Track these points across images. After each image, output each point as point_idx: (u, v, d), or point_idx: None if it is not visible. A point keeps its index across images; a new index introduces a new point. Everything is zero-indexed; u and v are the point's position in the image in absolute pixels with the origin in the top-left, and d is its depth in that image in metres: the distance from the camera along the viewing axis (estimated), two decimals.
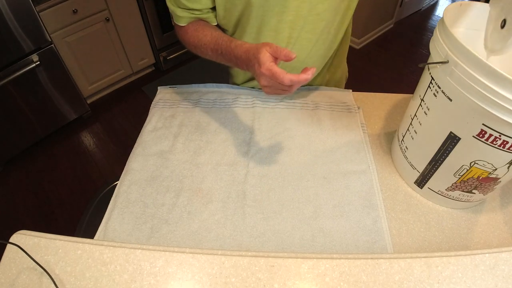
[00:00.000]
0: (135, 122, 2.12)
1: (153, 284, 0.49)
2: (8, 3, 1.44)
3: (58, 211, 1.68)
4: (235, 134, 0.80)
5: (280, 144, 0.78)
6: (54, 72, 1.78)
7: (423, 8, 3.13)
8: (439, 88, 0.54)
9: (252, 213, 0.65)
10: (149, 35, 2.20)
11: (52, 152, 1.96)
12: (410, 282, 0.48)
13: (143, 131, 0.82)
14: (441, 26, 0.54)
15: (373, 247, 0.60)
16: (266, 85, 0.58)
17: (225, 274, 0.50)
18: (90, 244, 0.53)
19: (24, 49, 1.59)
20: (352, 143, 0.78)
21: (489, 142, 0.50)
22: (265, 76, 0.56)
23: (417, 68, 0.59)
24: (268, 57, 0.56)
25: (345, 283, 0.48)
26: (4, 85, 1.59)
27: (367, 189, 0.69)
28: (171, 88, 0.93)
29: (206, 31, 0.71)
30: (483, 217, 0.66)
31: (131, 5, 2.01)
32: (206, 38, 0.70)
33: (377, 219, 0.64)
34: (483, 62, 0.44)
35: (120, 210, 0.66)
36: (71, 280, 0.49)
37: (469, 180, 0.59)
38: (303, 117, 0.84)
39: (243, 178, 0.71)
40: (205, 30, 0.71)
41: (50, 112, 1.90)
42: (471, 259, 0.50)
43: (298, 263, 0.50)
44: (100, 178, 1.82)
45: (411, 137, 0.66)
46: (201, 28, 0.72)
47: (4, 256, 0.52)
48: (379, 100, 0.90)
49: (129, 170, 0.73)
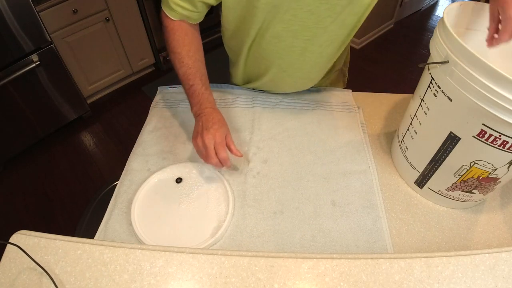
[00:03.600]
0: (135, 122, 2.12)
1: (153, 284, 0.49)
2: (8, 3, 1.44)
3: (58, 211, 1.68)
4: (235, 134, 0.80)
5: (280, 144, 0.78)
6: (54, 72, 1.78)
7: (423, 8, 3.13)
8: (439, 88, 0.54)
9: (252, 213, 0.65)
10: (149, 35, 2.20)
11: (52, 152, 1.95)
12: (410, 282, 0.48)
13: (143, 131, 0.82)
14: (441, 26, 0.54)
15: (373, 247, 0.60)
16: (201, 144, 0.65)
17: (225, 274, 0.50)
18: (90, 244, 0.53)
19: (24, 49, 1.59)
20: (352, 143, 0.78)
21: (489, 142, 0.50)
22: (210, 140, 0.64)
23: (417, 68, 0.59)
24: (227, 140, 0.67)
25: (345, 283, 0.48)
26: (4, 85, 1.59)
27: (367, 189, 0.69)
28: (171, 88, 0.93)
29: (191, 52, 0.71)
30: (483, 217, 0.66)
31: (131, 5, 2.01)
32: (188, 60, 0.70)
33: (377, 219, 0.64)
34: (483, 62, 0.44)
35: (120, 210, 0.66)
36: (71, 280, 0.49)
37: (469, 180, 0.59)
38: (303, 117, 0.84)
39: (243, 178, 0.71)
40: (191, 51, 0.71)
41: (50, 112, 1.89)
42: (471, 259, 0.50)
43: (298, 263, 0.50)
44: (100, 178, 1.82)
45: (411, 137, 0.66)
46: (189, 44, 0.71)
47: (4, 256, 0.52)
48: (379, 100, 0.90)
49: (129, 170, 0.73)
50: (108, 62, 2.11)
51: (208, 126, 0.65)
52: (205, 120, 0.67)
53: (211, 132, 0.64)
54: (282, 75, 0.80)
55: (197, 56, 0.72)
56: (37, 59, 1.64)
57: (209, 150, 0.64)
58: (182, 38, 0.71)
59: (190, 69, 0.70)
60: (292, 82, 0.83)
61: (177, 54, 0.71)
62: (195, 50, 0.72)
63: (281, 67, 0.77)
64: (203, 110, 0.68)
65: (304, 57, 0.74)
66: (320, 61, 0.78)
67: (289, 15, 0.66)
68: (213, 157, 0.64)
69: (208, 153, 0.64)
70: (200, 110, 0.69)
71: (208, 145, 0.64)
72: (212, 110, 0.69)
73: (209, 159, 0.65)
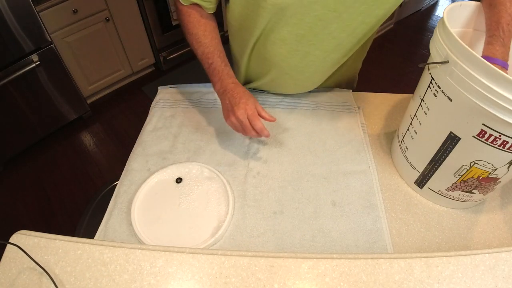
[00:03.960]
0: (135, 122, 2.12)
1: (153, 284, 0.49)
2: (8, 3, 1.44)
3: (58, 211, 1.68)
4: (235, 134, 0.80)
5: (280, 144, 0.78)
6: (54, 72, 1.78)
7: (423, 8, 3.13)
8: (439, 88, 0.54)
9: (252, 213, 0.65)
10: (149, 35, 2.20)
11: (52, 152, 1.95)
12: (410, 282, 0.48)
13: (143, 131, 0.82)
14: (441, 26, 0.54)
15: (373, 247, 0.60)
16: (235, 121, 0.67)
17: (225, 274, 0.50)
18: (90, 244, 0.53)
19: (24, 49, 1.59)
20: (352, 143, 0.78)
21: (489, 142, 0.50)
22: (243, 114, 0.65)
23: (417, 68, 0.59)
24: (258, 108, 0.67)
25: (345, 283, 0.48)
26: (4, 85, 1.59)
27: (367, 189, 0.69)
28: (171, 88, 0.93)
29: (207, 32, 0.71)
30: (483, 217, 0.66)
31: (131, 5, 2.01)
32: (205, 39, 0.71)
33: (377, 219, 0.64)
34: (483, 62, 0.44)
35: (120, 210, 0.66)
36: (71, 280, 0.49)
37: (469, 180, 0.59)
38: (303, 117, 0.84)
39: (243, 178, 0.71)
40: (207, 30, 0.72)
41: (50, 112, 1.89)
42: (471, 259, 0.50)
43: (298, 263, 0.50)
44: (100, 178, 1.82)
45: (411, 137, 0.66)
46: (204, 24, 0.72)
47: (4, 256, 0.52)
48: (379, 100, 0.90)
49: (129, 170, 0.73)
50: (108, 62, 2.11)
51: (236, 102, 0.66)
52: (231, 96, 0.67)
53: (241, 107, 0.65)
54: (283, 77, 0.79)
55: (213, 34, 0.72)
56: (37, 59, 1.64)
57: (245, 125, 0.65)
58: (198, 19, 0.71)
59: (207, 48, 0.71)
60: (293, 84, 0.83)
61: (193, 35, 0.71)
62: (211, 29, 0.73)
63: (283, 69, 0.77)
64: (226, 87, 0.69)
65: (307, 61, 0.74)
66: (323, 66, 0.77)
67: (296, 19, 0.65)
68: (250, 130, 0.66)
69: (245, 127, 0.66)
70: (223, 87, 0.69)
71: (242, 119, 0.65)
72: (235, 85, 0.69)
73: (247, 132, 0.67)
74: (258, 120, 0.66)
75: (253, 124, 0.65)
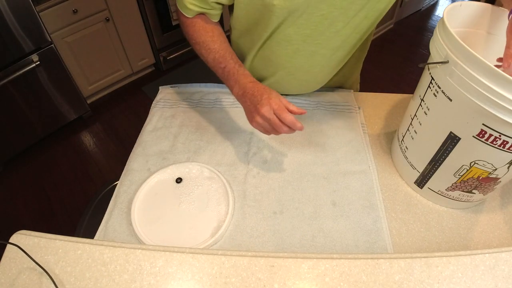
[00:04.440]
0: (135, 122, 2.12)
1: (153, 284, 0.49)
2: (8, 3, 1.44)
3: (58, 211, 1.68)
4: (235, 134, 0.80)
5: (280, 144, 0.78)
6: (54, 72, 1.78)
7: (423, 8, 3.13)
8: (439, 88, 0.54)
9: (252, 213, 0.65)
10: (149, 35, 2.20)
11: (52, 152, 1.95)
12: (410, 282, 0.48)
13: (143, 131, 0.82)
14: (441, 26, 0.54)
15: (373, 247, 0.60)
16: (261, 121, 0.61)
17: (225, 274, 0.50)
18: (90, 244, 0.53)
19: (24, 49, 1.59)
20: (352, 143, 0.78)
21: (489, 142, 0.50)
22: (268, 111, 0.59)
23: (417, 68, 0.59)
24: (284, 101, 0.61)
25: (345, 283, 0.48)
26: (4, 85, 1.59)
27: (367, 189, 0.69)
28: (172, 87, 0.93)
29: (215, 37, 0.70)
30: (483, 217, 0.66)
31: (131, 5, 2.01)
32: (214, 45, 0.69)
33: (377, 219, 0.64)
34: (483, 62, 0.44)
35: (120, 210, 0.66)
36: (71, 280, 0.49)
37: (469, 180, 0.59)
38: (303, 117, 0.84)
39: (243, 178, 0.71)
40: (214, 36, 0.70)
41: (50, 112, 1.89)
42: (471, 259, 0.50)
43: (298, 263, 0.50)
44: (100, 178, 1.82)
45: (411, 137, 0.66)
46: (211, 30, 0.70)
47: (4, 256, 0.52)
48: (379, 100, 0.90)
49: (129, 170, 0.73)
50: (108, 62, 2.11)
51: (258, 100, 0.61)
52: (251, 95, 0.62)
53: (265, 103, 0.59)
54: (288, 78, 0.79)
55: (221, 38, 0.71)
56: (37, 59, 1.64)
57: (273, 121, 0.59)
58: (203, 27, 0.70)
59: (218, 53, 0.68)
60: (298, 84, 0.82)
61: (201, 43, 0.69)
62: (219, 33, 0.71)
63: (289, 70, 0.77)
64: (245, 88, 0.64)
65: (313, 60, 0.74)
66: (329, 65, 0.77)
67: (302, 20, 0.65)
68: (281, 125, 0.59)
69: (274, 124, 0.59)
70: (242, 88, 0.65)
71: (269, 116, 0.59)
72: (253, 84, 0.64)
73: (279, 129, 0.60)
74: (287, 113, 0.59)
75: (282, 118, 0.58)
